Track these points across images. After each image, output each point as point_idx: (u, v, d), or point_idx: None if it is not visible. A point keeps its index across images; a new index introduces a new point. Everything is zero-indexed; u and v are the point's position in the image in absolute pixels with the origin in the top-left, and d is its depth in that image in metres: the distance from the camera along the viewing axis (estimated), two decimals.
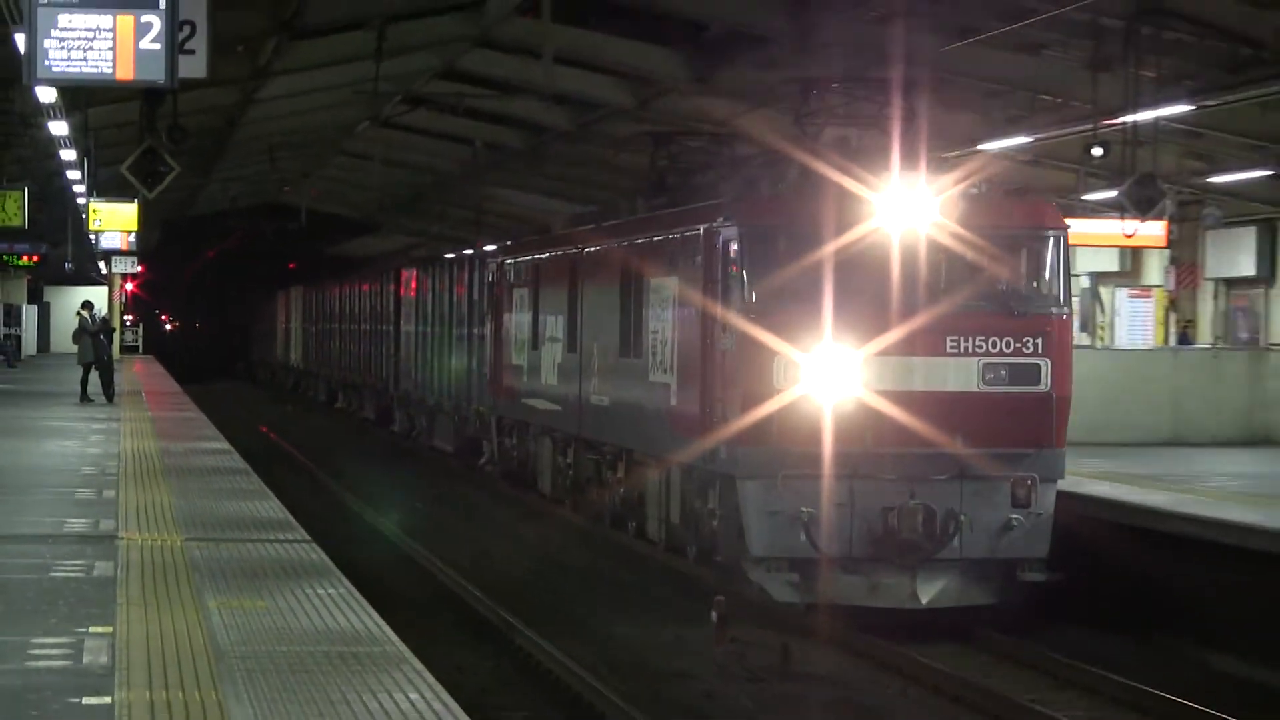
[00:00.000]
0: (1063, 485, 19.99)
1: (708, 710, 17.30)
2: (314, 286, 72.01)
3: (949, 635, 19.08)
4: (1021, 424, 19.09)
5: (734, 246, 19.42)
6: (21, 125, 31.81)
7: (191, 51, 16.70)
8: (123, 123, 32.08)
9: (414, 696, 10.79)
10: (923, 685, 17.21)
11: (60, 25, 14.19)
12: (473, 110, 44.94)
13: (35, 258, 47.27)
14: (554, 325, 30.05)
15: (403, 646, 12.32)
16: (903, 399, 18.65)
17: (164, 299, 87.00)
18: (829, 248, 19.01)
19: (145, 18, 14.02)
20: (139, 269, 61.87)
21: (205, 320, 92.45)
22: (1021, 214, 20.80)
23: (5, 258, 45.98)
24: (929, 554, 18.69)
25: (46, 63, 14.35)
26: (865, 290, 19.43)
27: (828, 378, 18.45)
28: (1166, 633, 19.53)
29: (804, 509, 18.24)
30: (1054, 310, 19.59)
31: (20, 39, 16.57)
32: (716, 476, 20.53)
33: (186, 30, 16.24)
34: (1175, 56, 29.51)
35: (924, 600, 18.81)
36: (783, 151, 21.61)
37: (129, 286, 65.03)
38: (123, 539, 18.08)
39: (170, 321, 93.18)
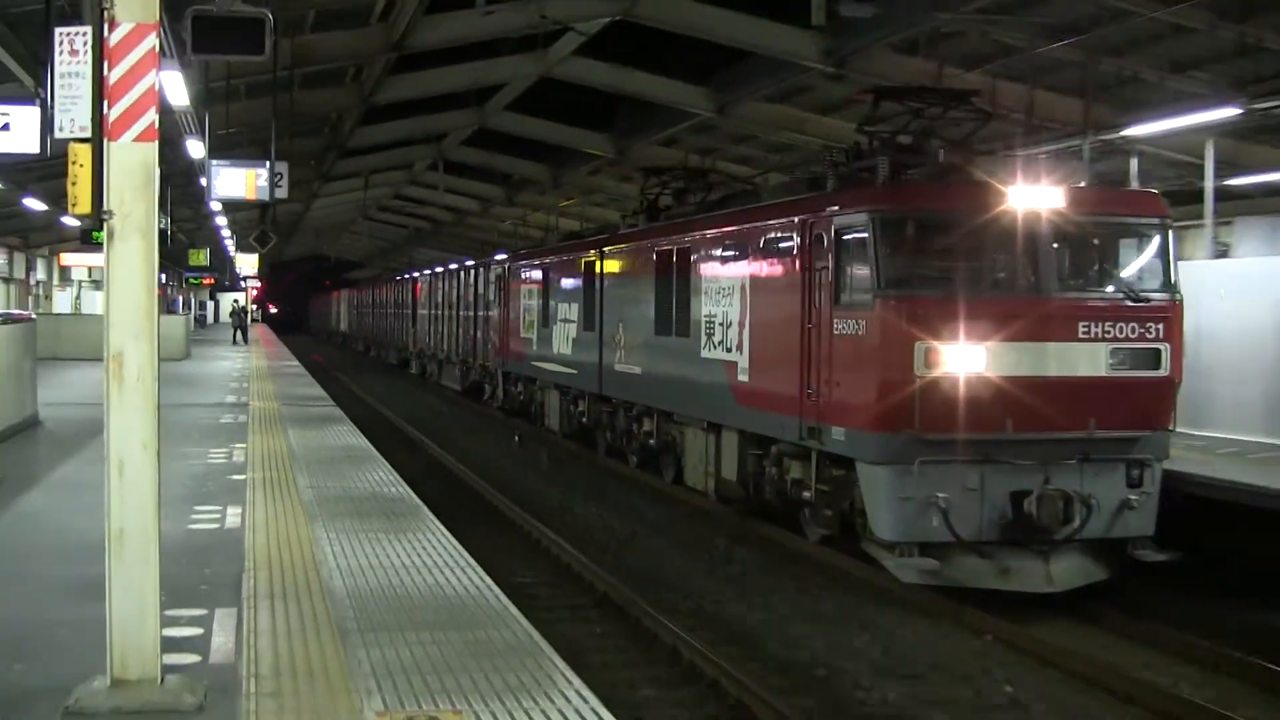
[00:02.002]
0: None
1: (511, 473, 30.98)
2: (353, 288, 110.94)
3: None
4: (1141, 407, 18.63)
5: (864, 234, 18.68)
6: (203, 219, 53.85)
7: (280, 185, 27.23)
8: (250, 219, 53.69)
9: (381, 474, 20.08)
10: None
11: (221, 174, 26.84)
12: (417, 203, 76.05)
13: (210, 280, 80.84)
14: (567, 309, 34.88)
15: (375, 452, 23.22)
16: (1036, 384, 18.01)
17: (270, 297, 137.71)
18: (963, 234, 18.72)
19: (260, 170, 26.70)
20: (259, 283, 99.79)
21: (285, 307, 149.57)
22: (1136, 204, 20.56)
23: (195, 279, 77.28)
24: (1061, 537, 18.07)
25: (214, 191, 27.25)
26: (999, 277, 19.33)
27: (966, 364, 17.83)
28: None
29: (939, 494, 17.69)
30: (1172, 296, 19.09)
31: (204, 180, 28.40)
32: (820, 455, 20.11)
33: (279, 175, 27.16)
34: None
35: (1056, 583, 18.12)
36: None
37: (253, 292, 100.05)
38: (250, 404, 31.57)
39: (274, 307, 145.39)
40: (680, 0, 31.06)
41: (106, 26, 8.88)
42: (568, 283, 35.24)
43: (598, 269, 32.11)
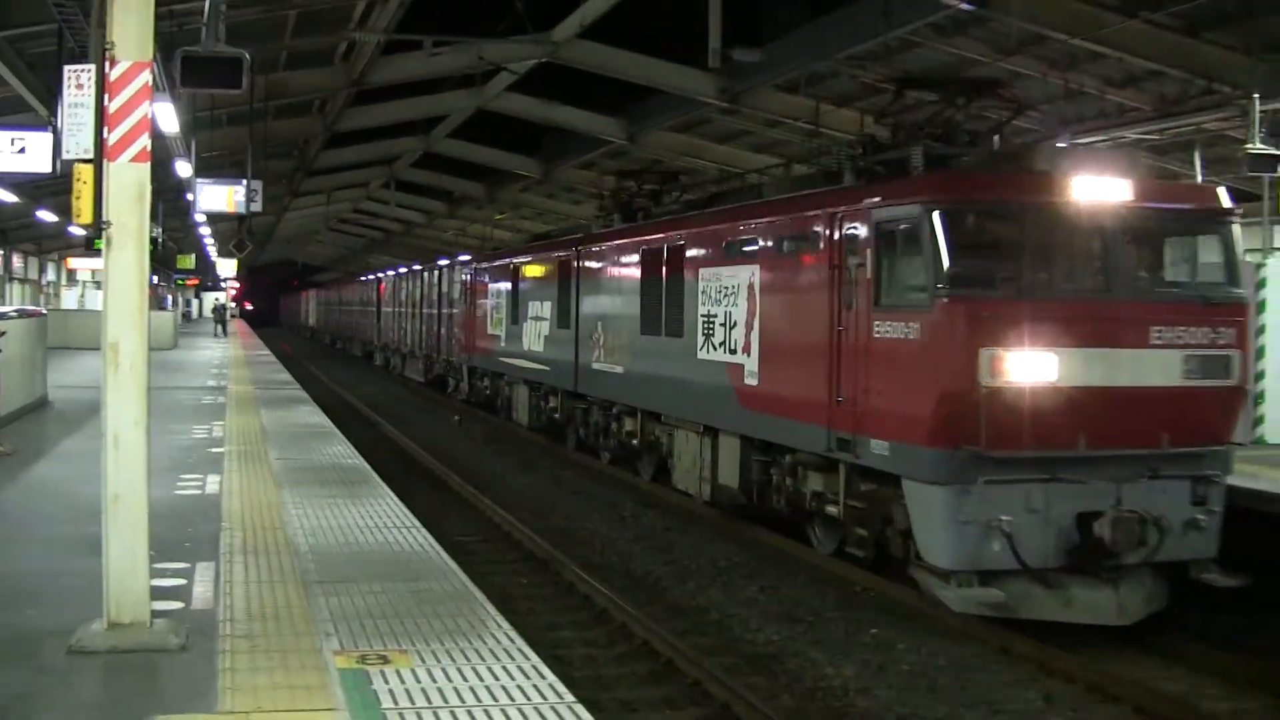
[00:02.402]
0: None
1: (452, 448, 30.44)
2: (321, 287, 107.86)
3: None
4: (1210, 419, 15.00)
5: (916, 227, 14.79)
6: (189, 229, 51.99)
7: (255, 200, 27.27)
8: (229, 228, 51.81)
9: (340, 448, 20.56)
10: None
11: (205, 190, 26.86)
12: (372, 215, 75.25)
13: (195, 281, 79.23)
14: (539, 308, 30.35)
15: (336, 429, 23.45)
16: (1108, 395, 14.46)
17: (247, 296, 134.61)
18: (1030, 228, 15.02)
19: (238, 187, 26.74)
20: (237, 284, 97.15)
21: (259, 305, 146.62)
22: (1203, 197, 16.40)
23: (182, 280, 76.15)
24: (1132, 562, 14.41)
25: (199, 205, 27.25)
26: (1068, 276, 15.34)
27: (1036, 373, 14.17)
28: None
29: (1002, 518, 14.03)
30: (1244, 298, 15.64)
31: (190, 195, 28.66)
32: (849, 468, 16.20)
33: (254, 192, 27.17)
34: None
35: (1127, 613, 14.45)
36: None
37: (232, 291, 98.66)
38: (229, 388, 31.50)
39: (250, 305, 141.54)
40: (597, 45, 31.09)
41: (108, 64, 8.94)
42: (539, 282, 31.04)
43: (573, 268, 27.92)
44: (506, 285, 34.22)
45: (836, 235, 16.39)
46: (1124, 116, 26.57)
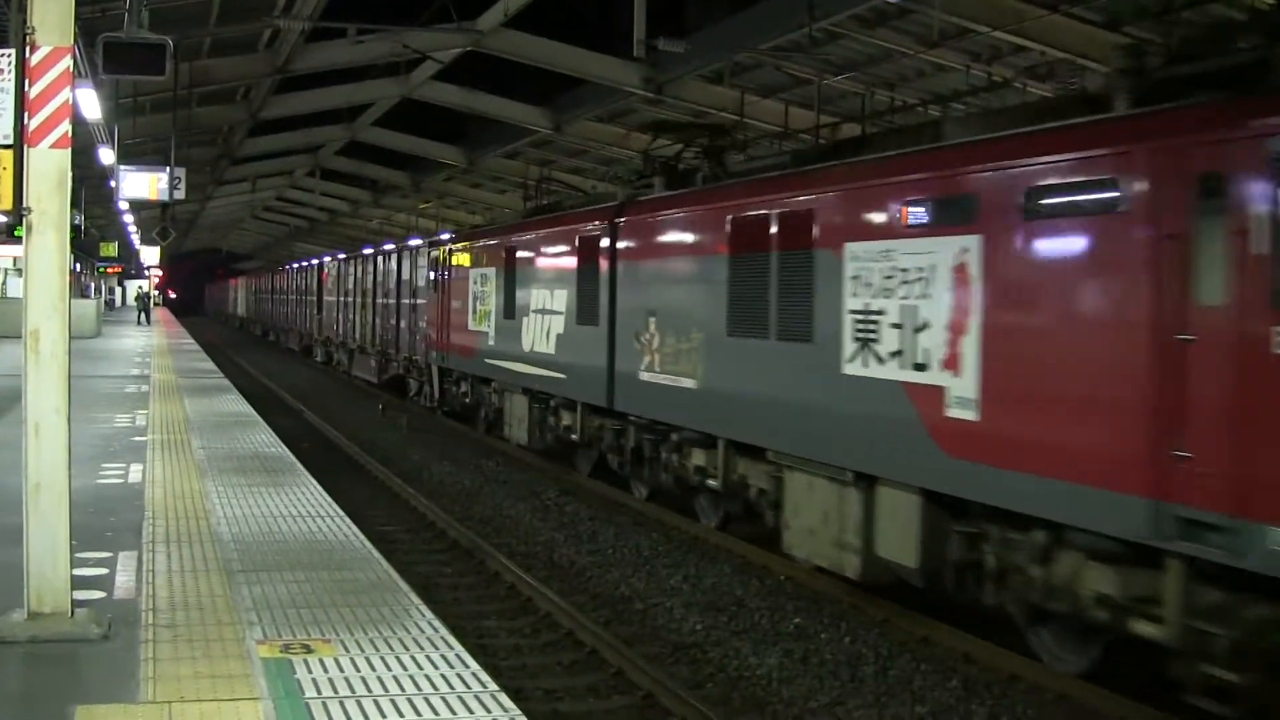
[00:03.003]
0: None
1: (379, 439, 29.20)
2: (252, 274, 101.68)
3: None
4: None
5: None
6: (112, 216, 51.83)
7: (178, 188, 27.21)
8: (153, 216, 51.87)
9: (264, 437, 20.36)
10: None
11: (128, 178, 26.75)
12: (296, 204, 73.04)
13: (118, 269, 78.35)
14: (548, 298, 23.93)
15: (259, 418, 23.23)
16: None
17: (170, 284, 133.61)
18: None
19: (161, 175, 26.81)
20: (160, 272, 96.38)
21: (183, 293, 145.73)
22: None
23: (104, 269, 74.75)
24: None
25: (122, 192, 27.09)
26: None
27: None
28: None
29: None
30: None
31: (113, 183, 28.41)
32: (1192, 569, 10.25)
33: (178, 180, 27.13)
34: None
35: None
36: None
37: (156, 279, 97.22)
38: (152, 376, 31.09)
39: (173, 293, 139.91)
40: (522, 35, 31.02)
41: (28, 49, 8.83)
42: (548, 265, 24.45)
43: (606, 247, 21.44)
44: (495, 270, 27.81)
45: (1168, 183, 10.42)
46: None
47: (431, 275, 34.30)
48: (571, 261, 23.05)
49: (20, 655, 8.66)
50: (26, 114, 8.92)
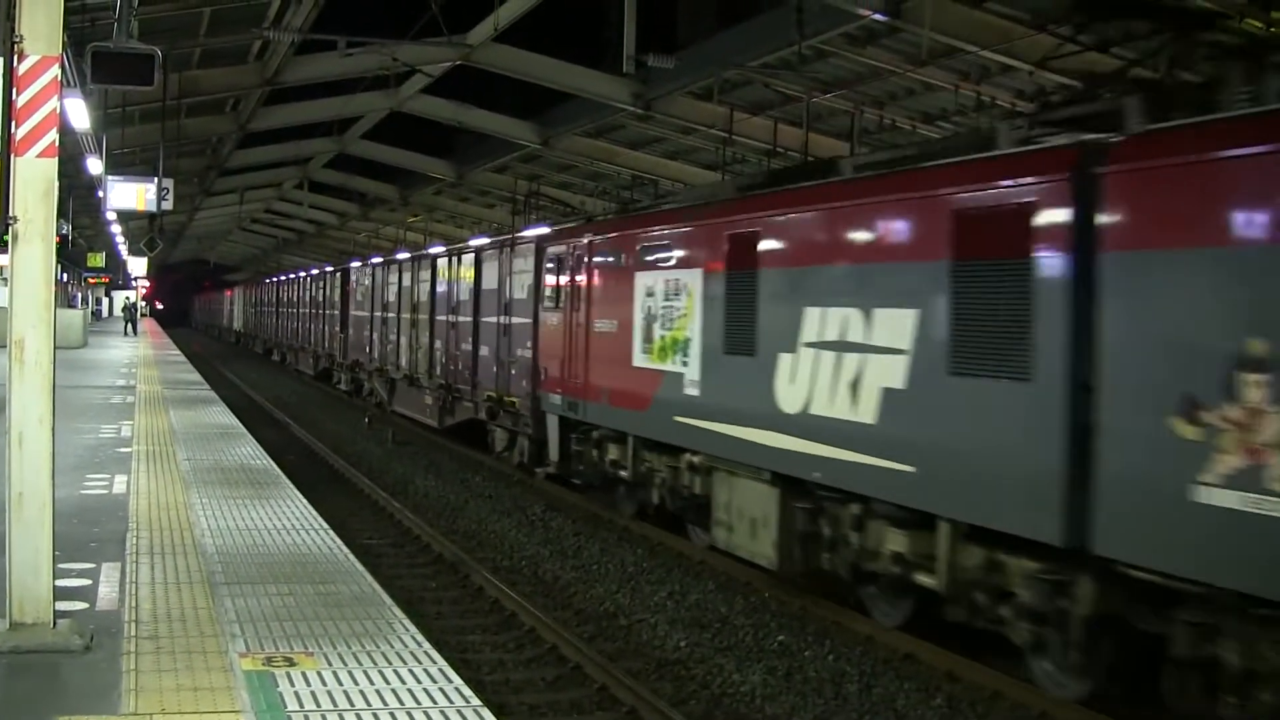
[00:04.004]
0: None
1: (364, 449, 29.36)
2: (250, 284, 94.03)
3: None
4: None
5: None
6: (100, 226, 51.79)
7: (166, 198, 27.17)
8: (140, 226, 50.87)
9: (249, 449, 20.23)
10: None
11: (116, 188, 26.70)
12: (284, 216, 73.02)
13: (106, 278, 78.24)
14: (866, 326, 13.50)
15: (245, 430, 23.09)
16: None
17: (158, 295, 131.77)
18: None
19: (149, 185, 26.70)
20: (148, 283, 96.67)
21: (170, 304, 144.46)
22: None
23: (94, 279, 75.16)
24: None
25: (110, 203, 27.05)
26: None
27: None
28: None
29: None
30: None
31: (101, 193, 28.43)
32: None
33: (165, 190, 27.06)
34: None
35: None
36: None
37: (143, 290, 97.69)
38: (138, 387, 31.08)
39: (161, 304, 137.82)
40: (512, 49, 31.06)
41: (16, 58, 8.81)
42: (855, 264, 14.17)
43: (1053, 223, 11.15)
44: (701, 273, 17.56)
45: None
46: None
47: (550, 282, 23.61)
48: (933, 253, 12.76)
49: (1, 666, 8.60)
50: (14, 122, 8.89)
